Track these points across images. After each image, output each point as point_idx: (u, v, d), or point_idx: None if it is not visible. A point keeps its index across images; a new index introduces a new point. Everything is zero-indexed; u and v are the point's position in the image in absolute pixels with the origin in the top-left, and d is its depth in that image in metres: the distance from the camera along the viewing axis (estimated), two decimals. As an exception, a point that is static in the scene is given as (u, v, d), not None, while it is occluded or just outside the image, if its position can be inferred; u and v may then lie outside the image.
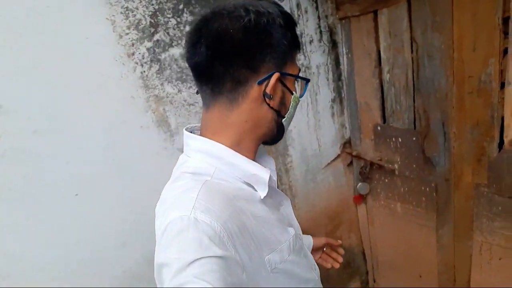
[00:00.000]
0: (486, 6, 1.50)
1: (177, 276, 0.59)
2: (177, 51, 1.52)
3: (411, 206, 2.15)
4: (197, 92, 0.87)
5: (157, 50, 1.47)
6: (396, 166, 2.12)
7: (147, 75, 1.46)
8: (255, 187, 0.82)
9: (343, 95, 2.18)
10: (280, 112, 0.82)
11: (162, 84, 1.51)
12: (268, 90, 0.76)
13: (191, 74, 0.86)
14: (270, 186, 0.82)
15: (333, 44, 2.06)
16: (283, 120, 0.84)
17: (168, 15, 1.48)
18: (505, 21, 1.48)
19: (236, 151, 0.80)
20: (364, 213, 2.47)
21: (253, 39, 0.73)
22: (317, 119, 2.10)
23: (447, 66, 1.70)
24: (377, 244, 2.50)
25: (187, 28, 1.53)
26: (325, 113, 2.14)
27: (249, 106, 0.78)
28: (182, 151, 0.91)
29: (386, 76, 1.96)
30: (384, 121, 2.09)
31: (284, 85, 0.80)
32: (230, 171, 0.79)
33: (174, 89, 1.54)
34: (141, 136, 1.48)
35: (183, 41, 1.53)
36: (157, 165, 1.53)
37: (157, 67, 1.48)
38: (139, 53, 1.42)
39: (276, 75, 0.76)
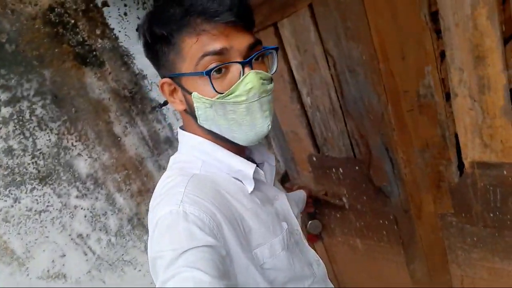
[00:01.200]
0: (406, 1, 1.12)
1: (170, 266, 0.60)
2: (-4, 147, 1.05)
3: (373, 242, 1.80)
4: None
5: (-43, 157, 0.99)
6: (344, 200, 1.75)
7: (-51, 198, 0.98)
8: (243, 181, 0.81)
9: (264, 126, 1.76)
10: (194, 116, 0.76)
11: (-19, 201, 1.03)
12: (165, 97, 0.77)
13: (27, 170, 1.05)
14: (259, 181, 0.83)
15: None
16: (200, 123, 0.76)
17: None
18: (434, 16, 1.10)
19: (220, 145, 0.80)
20: (323, 251, 2.10)
21: (145, 51, 0.77)
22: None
23: (375, 81, 1.33)
24: (345, 282, 2.14)
25: (3, 111, 1.06)
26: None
27: (181, 112, 0.81)
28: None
29: (306, 100, 1.57)
30: (318, 150, 1.70)
31: (182, 87, 0.74)
32: (217, 166, 0.80)
33: (6, 200, 1.08)
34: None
35: (2, 130, 1.06)
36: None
37: (-35, 180, 1.01)
38: None
39: (160, 82, 0.76)
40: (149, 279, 1.37)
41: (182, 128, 0.86)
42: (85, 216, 1.21)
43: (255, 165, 0.82)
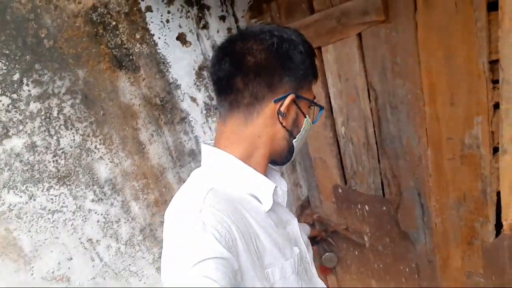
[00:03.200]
0: (464, 46, 1.04)
1: (185, 275, 0.61)
2: (19, 141, 1.03)
3: (389, 286, 1.69)
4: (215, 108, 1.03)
5: (-20, 147, 0.97)
6: (365, 238, 1.66)
7: (-33, 187, 0.96)
8: (260, 199, 0.83)
9: (292, 149, 1.70)
10: (292, 132, 0.84)
11: (-3, 194, 1.01)
12: (282, 109, 0.79)
13: (47, 168, 1.05)
14: (275, 202, 0.84)
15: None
16: (294, 140, 0.85)
17: (-6, 93, 0.99)
18: (493, 66, 1.02)
19: (247, 163, 0.82)
20: (335, 284, 2.01)
21: (274, 60, 0.78)
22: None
23: (417, 123, 1.25)
24: (354, 321, 2.04)
25: (32, 106, 1.04)
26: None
27: (263, 122, 0.81)
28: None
29: (340, 129, 1.50)
30: (345, 182, 1.62)
31: (299, 108, 0.83)
32: (238, 181, 0.82)
33: (21, 196, 1.05)
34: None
35: (28, 126, 1.04)
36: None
37: (-15, 171, 0.99)
38: None
39: (291, 96, 0.79)
40: (153, 292, 1.33)
41: (207, 143, 0.88)
42: (98, 221, 1.18)
43: (275, 184, 0.84)
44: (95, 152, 1.15)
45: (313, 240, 1.86)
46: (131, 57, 1.19)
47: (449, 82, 1.12)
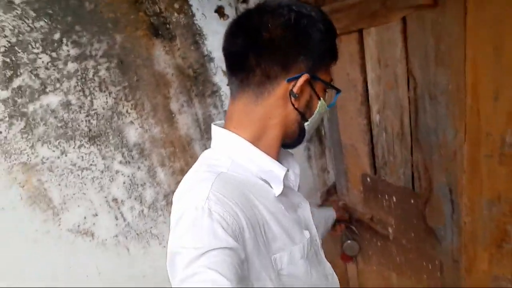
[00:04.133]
0: (515, 37, 0.96)
1: (191, 265, 0.60)
2: (55, 98, 1.08)
3: (409, 281, 1.67)
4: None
5: (19, 100, 1.03)
6: (390, 230, 1.62)
7: (5, 137, 1.03)
8: (271, 183, 0.81)
9: (323, 133, 1.68)
10: (304, 115, 0.81)
11: (32, 147, 1.07)
12: (295, 90, 0.76)
13: (80, 127, 1.09)
14: (286, 186, 0.82)
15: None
16: (306, 124, 0.82)
17: (36, 50, 1.03)
18: (546, 62, 0.95)
19: (256, 146, 0.80)
20: (354, 274, 2.00)
21: (290, 37, 0.74)
22: (286, 165, 1.62)
23: (456, 116, 1.18)
24: (369, 311, 2.02)
25: (70, 65, 1.08)
26: (299, 157, 1.66)
27: (274, 103, 0.78)
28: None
29: (375, 117, 1.45)
30: (375, 172, 1.58)
31: (313, 89, 0.80)
32: (247, 165, 0.80)
33: (54, 151, 1.11)
34: (5, 222, 1.06)
35: (64, 84, 1.08)
36: (36, 255, 1.12)
37: (22, 124, 1.04)
38: (-12, 108, 0.99)
39: (305, 76, 0.76)
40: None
41: (217, 124, 0.86)
42: (124, 183, 1.22)
43: (286, 169, 0.82)
44: (126, 116, 1.19)
45: (338, 222, 1.84)
46: (168, 26, 1.20)
47: (495, 75, 1.05)
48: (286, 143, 0.86)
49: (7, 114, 1.02)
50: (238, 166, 0.79)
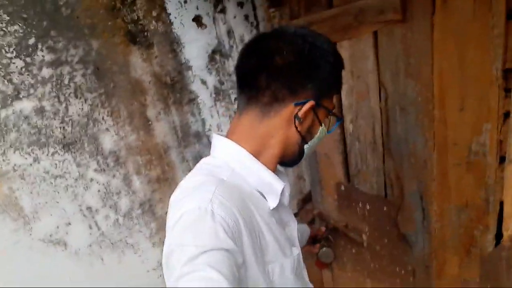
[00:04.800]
0: (478, 52, 1.02)
1: (190, 262, 0.61)
2: (28, 104, 1.06)
3: (384, 287, 1.68)
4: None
5: (-10, 106, 1.00)
6: (364, 237, 1.66)
7: (-25, 144, 0.99)
8: (267, 197, 0.83)
9: (299, 143, 1.70)
10: (305, 138, 0.85)
11: (4, 154, 1.05)
12: (300, 114, 0.80)
13: (54, 134, 1.10)
14: (281, 202, 0.85)
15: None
16: (306, 146, 0.86)
17: (9, 55, 1.01)
18: (506, 74, 1.00)
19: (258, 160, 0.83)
20: (329, 280, 2.02)
21: (302, 65, 0.79)
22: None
23: (425, 126, 1.24)
24: (344, 319, 2.04)
25: (44, 71, 1.06)
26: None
27: (278, 123, 0.82)
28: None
29: (348, 127, 1.49)
30: (349, 180, 1.61)
31: (316, 115, 0.84)
32: (246, 176, 0.82)
33: (26, 158, 1.08)
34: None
35: (38, 90, 1.06)
36: (5, 267, 1.09)
37: (-7, 130, 1.02)
38: (-42, 113, 0.96)
39: (310, 103, 0.79)
40: (146, 266, 1.35)
41: (219, 134, 0.91)
42: (99, 191, 1.20)
43: (284, 184, 0.85)
44: (101, 123, 1.17)
45: (314, 239, 1.86)
46: (145, 34, 1.21)
47: (461, 87, 1.10)
48: (284, 161, 0.89)
49: (-23, 120, 1.00)
50: (237, 176, 0.81)
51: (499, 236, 1.21)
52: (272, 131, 0.82)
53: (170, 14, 1.24)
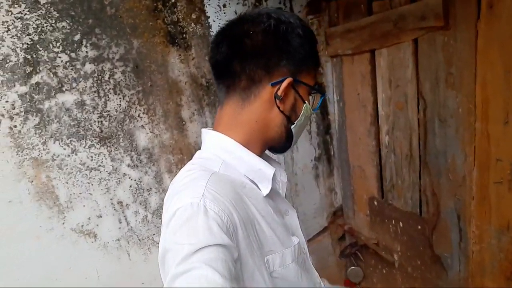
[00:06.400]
0: (526, 60, 0.96)
1: (185, 261, 0.60)
2: (70, 97, 1.11)
3: (414, 312, 1.59)
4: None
5: (36, 96, 1.06)
6: (395, 256, 1.58)
7: (19, 131, 1.05)
8: (259, 184, 0.82)
9: (332, 153, 1.68)
10: (290, 118, 0.83)
11: (44, 143, 1.09)
12: (279, 92, 0.79)
13: (92, 127, 1.13)
14: (274, 189, 0.84)
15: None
16: (293, 127, 0.84)
17: (56, 49, 1.07)
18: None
19: (246, 148, 0.83)
20: (357, 301, 1.93)
21: (271, 42, 0.78)
22: (294, 182, 1.61)
23: (466, 140, 1.17)
24: None
25: (87, 66, 1.11)
26: (307, 174, 1.65)
27: (260, 106, 0.81)
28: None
29: (384, 138, 1.45)
30: (382, 195, 1.56)
31: (297, 93, 0.82)
32: (237, 165, 0.82)
33: (65, 149, 1.13)
34: (10, 215, 1.07)
35: (80, 84, 1.12)
36: (37, 253, 1.13)
37: (37, 120, 1.07)
38: (6, 101, 1.02)
39: (288, 80, 0.79)
40: (172, 266, 1.36)
41: (207, 128, 0.88)
42: (130, 186, 1.23)
43: (275, 168, 0.83)
44: (137, 120, 1.21)
45: (342, 253, 1.81)
46: (184, 36, 1.24)
47: (506, 99, 1.04)
48: (275, 147, 0.88)
49: (23, 109, 1.05)
50: (228, 167, 0.81)
51: (544, 263, 1.12)
52: (255, 115, 0.81)
53: (209, 17, 1.27)
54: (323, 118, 1.61)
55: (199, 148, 1.30)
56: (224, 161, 0.81)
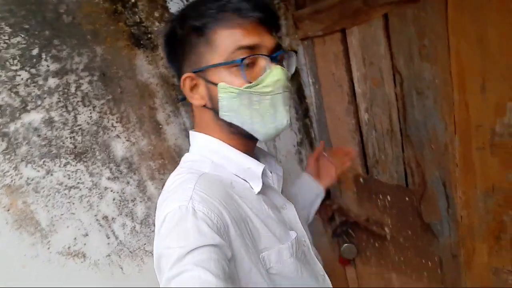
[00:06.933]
0: (499, 28, 0.97)
1: (177, 264, 0.60)
2: (37, 116, 1.04)
3: (410, 280, 1.65)
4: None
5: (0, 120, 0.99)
6: (386, 230, 1.61)
7: (-14, 159, 0.98)
8: (250, 182, 0.81)
9: (313, 135, 1.67)
10: (215, 109, 0.78)
11: (16, 168, 1.03)
12: (185, 92, 0.80)
13: (64, 144, 1.10)
14: (267, 185, 0.83)
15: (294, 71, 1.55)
16: (222, 115, 0.77)
17: (14, 67, 0.99)
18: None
19: (231, 144, 0.81)
20: (353, 277, 1.96)
21: (169, 46, 0.83)
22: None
23: (445, 109, 1.19)
24: (371, 314, 1.99)
25: (50, 81, 1.05)
26: (290, 160, 1.64)
27: (196, 109, 0.83)
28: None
29: (363, 116, 1.44)
30: (367, 171, 1.57)
31: (206, 80, 0.76)
32: (226, 165, 0.81)
33: (39, 171, 1.06)
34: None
35: (46, 101, 1.05)
36: (25, 282, 1.08)
37: (4, 145, 1.01)
38: (-34, 130, 0.95)
39: (183, 76, 0.78)
40: (167, 273, 1.33)
41: (194, 130, 0.89)
42: (114, 199, 1.18)
43: (264, 165, 0.82)
44: (111, 130, 1.15)
45: (334, 232, 1.82)
46: (149, 36, 1.18)
47: (481, 66, 1.05)
48: (249, 136, 0.80)
49: (-15, 135, 0.98)
50: (218, 167, 0.81)
51: (530, 220, 1.16)
52: (199, 116, 0.85)
53: (172, 14, 1.22)
54: (301, 102, 1.59)
55: (180, 151, 1.27)
56: (213, 162, 0.81)
